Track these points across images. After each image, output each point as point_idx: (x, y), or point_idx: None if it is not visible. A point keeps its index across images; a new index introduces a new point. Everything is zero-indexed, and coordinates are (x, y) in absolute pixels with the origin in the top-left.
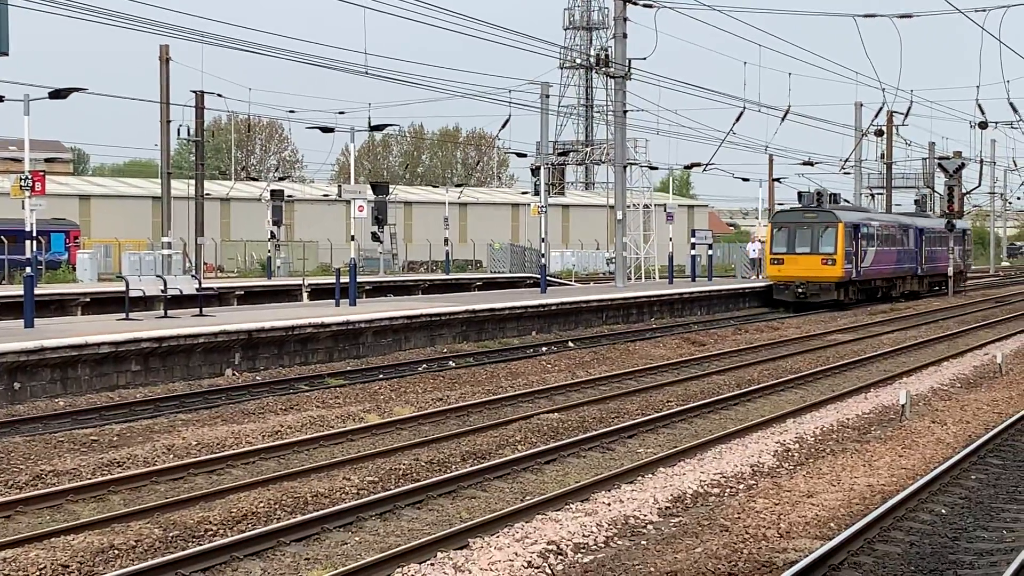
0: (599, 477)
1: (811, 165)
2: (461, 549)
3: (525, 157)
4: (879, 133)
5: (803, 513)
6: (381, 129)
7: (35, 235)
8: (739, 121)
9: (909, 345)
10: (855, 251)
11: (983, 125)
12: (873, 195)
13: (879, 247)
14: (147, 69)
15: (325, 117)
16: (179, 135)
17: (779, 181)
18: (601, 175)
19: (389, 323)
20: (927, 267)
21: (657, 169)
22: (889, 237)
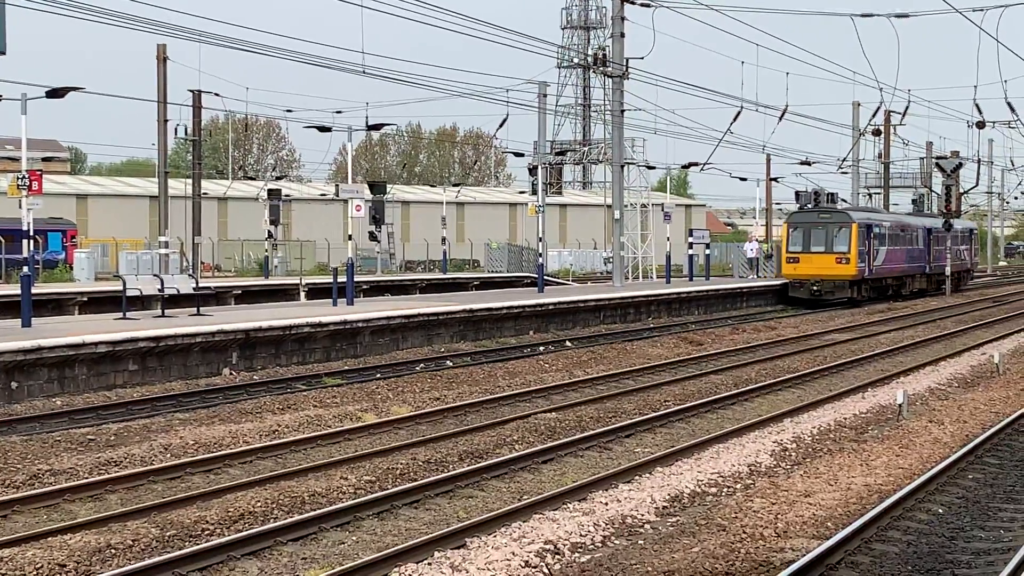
0: (596, 477)
1: (809, 165)
2: (458, 549)
3: (522, 156)
4: (877, 133)
5: (800, 513)
6: (378, 128)
7: (32, 234)
8: (736, 120)
9: (906, 345)
10: (868, 250)
11: (980, 125)
12: (871, 195)
13: (890, 246)
14: (144, 68)
15: (323, 116)
16: (176, 134)
17: (776, 181)
18: (599, 174)
19: (386, 323)
20: (935, 265)
21: (655, 169)
22: (899, 237)
